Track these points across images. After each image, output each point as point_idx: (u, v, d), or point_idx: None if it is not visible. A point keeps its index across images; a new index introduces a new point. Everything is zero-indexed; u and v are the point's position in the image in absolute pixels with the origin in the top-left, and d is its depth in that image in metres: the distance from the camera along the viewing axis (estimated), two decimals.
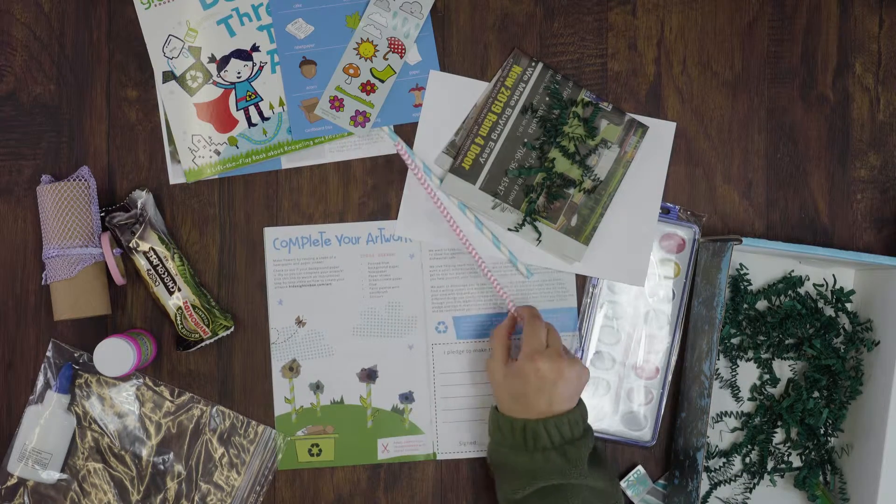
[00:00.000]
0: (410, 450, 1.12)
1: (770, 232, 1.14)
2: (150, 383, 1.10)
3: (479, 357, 1.12)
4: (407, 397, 1.12)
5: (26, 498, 1.09)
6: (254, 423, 1.11)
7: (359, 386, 1.12)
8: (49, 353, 1.10)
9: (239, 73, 1.11)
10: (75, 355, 1.10)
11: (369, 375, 1.12)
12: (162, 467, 1.10)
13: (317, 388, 1.12)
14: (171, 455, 1.10)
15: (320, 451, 1.12)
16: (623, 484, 1.12)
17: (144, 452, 1.10)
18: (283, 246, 1.12)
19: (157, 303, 1.09)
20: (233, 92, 1.11)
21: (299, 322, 1.12)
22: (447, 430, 1.12)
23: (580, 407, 1.01)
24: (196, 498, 1.10)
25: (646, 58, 1.14)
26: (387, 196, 1.12)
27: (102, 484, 1.10)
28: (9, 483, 1.09)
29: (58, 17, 1.11)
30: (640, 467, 1.12)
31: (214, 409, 1.11)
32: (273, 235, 1.12)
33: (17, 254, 1.11)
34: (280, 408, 1.12)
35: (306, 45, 1.11)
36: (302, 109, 1.11)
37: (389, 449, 1.12)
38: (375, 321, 1.12)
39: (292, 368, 1.12)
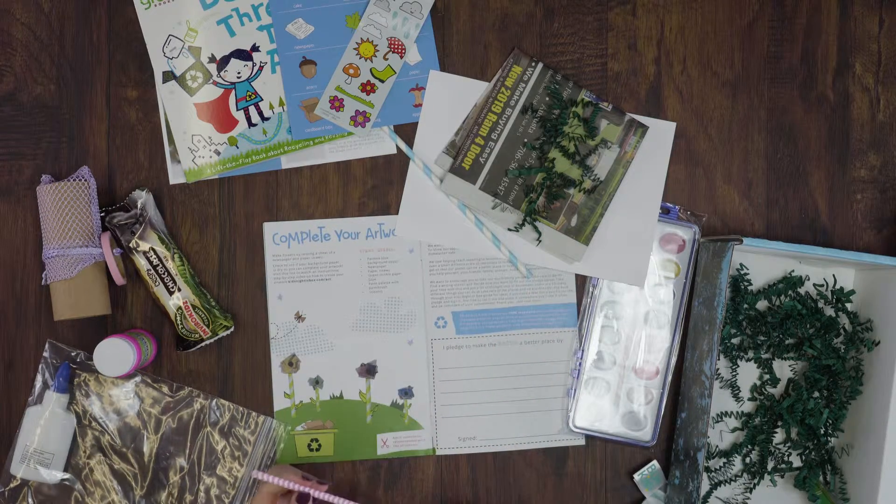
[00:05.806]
0: (410, 445, 1.12)
1: (770, 232, 1.14)
2: (149, 379, 1.11)
3: (478, 352, 1.13)
4: (406, 392, 1.12)
5: (30, 499, 1.09)
6: (254, 414, 1.11)
7: (358, 381, 1.12)
8: (46, 354, 1.10)
9: (239, 73, 1.11)
10: (72, 354, 1.10)
11: (369, 370, 1.12)
12: (164, 462, 1.10)
13: (316, 383, 1.12)
14: (173, 450, 1.10)
15: (319, 445, 1.12)
16: (637, 477, 1.12)
17: (146, 448, 1.10)
18: (282, 241, 1.12)
19: (157, 303, 1.09)
20: (233, 92, 1.11)
21: (299, 317, 1.12)
22: (447, 426, 1.12)
23: None
24: (200, 491, 1.10)
25: (646, 58, 1.14)
26: (387, 196, 1.12)
27: (106, 481, 1.10)
28: (12, 485, 1.09)
29: (58, 17, 1.11)
30: (654, 462, 1.12)
31: (214, 402, 1.11)
32: (272, 230, 1.12)
33: (17, 254, 1.11)
34: (279, 403, 1.12)
35: (306, 45, 1.11)
36: (302, 109, 1.11)
37: (389, 444, 1.12)
38: (375, 316, 1.12)
39: (292, 363, 1.12)
